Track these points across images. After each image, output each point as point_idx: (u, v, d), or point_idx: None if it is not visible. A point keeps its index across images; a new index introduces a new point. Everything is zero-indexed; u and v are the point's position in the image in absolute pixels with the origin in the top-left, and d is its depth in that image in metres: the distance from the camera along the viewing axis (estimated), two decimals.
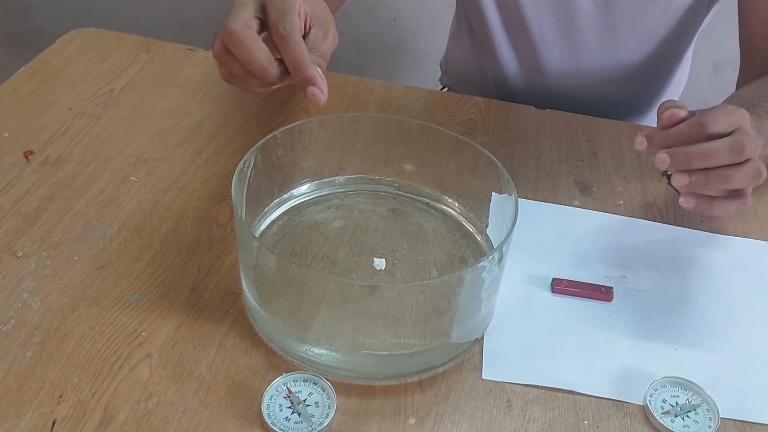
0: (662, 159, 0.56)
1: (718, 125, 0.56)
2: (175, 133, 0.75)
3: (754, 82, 0.77)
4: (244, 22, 0.55)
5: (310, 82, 0.55)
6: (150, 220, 0.65)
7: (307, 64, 0.55)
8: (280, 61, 0.56)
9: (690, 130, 0.56)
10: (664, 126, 0.57)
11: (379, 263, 0.59)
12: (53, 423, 0.49)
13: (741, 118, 0.57)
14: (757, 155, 0.57)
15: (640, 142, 0.58)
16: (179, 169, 0.71)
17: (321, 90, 0.55)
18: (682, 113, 0.57)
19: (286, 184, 0.66)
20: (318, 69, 0.55)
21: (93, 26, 0.91)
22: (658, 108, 0.59)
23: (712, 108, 0.59)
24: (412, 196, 0.68)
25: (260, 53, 0.54)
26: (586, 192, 0.73)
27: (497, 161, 0.60)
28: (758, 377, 0.56)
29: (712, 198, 0.57)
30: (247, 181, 0.59)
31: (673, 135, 0.57)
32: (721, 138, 0.56)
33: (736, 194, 0.58)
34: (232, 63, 0.56)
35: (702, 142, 0.55)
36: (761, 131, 0.63)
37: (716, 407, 0.53)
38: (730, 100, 0.74)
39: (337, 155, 0.68)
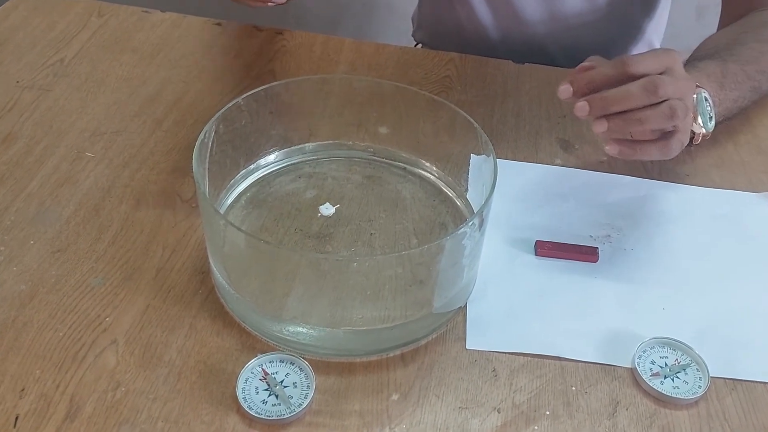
0: (581, 107, 0.57)
1: (641, 65, 0.57)
2: (132, 102, 0.74)
3: (723, 29, 0.78)
4: None
5: None
6: (109, 198, 0.63)
7: None
8: None
9: (612, 70, 0.57)
10: (579, 72, 0.58)
11: (326, 209, 0.58)
12: (16, 418, 0.47)
13: (669, 59, 0.58)
14: (680, 96, 0.58)
15: (564, 90, 0.58)
16: (138, 141, 0.69)
17: None
18: (593, 64, 0.58)
19: (253, 153, 0.65)
20: None
21: None
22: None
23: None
24: (387, 161, 0.67)
25: None
26: (568, 150, 0.73)
27: (474, 121, 0.59)
28: (747, 333, 0.57)
29: (635, 142, 0.59)
30: (209, 152, 0.57)
31: (597, 76, 0.58)
32: None
33: (661, 136, 0.59)
34: None
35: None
36: (725, 74, 0.65)
37: (706, 366, 0.53)
38: (698, 48, 0.74)
39: (306, 120, 0.67)
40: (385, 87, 0.65)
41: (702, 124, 0.63)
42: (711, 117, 0.64)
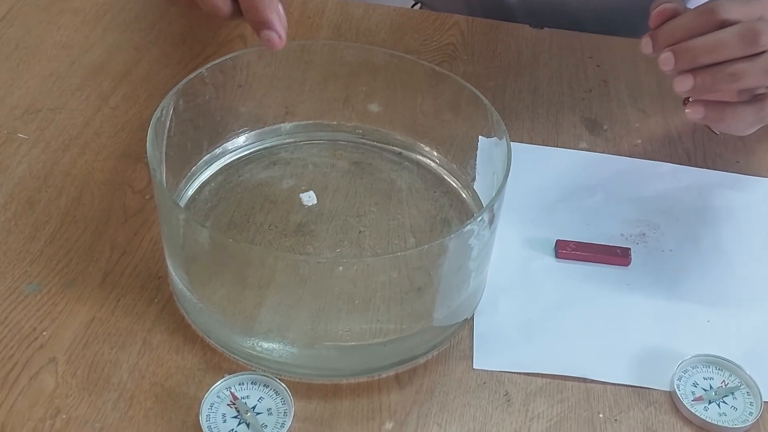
0: (666, 59, 0.57)
1: (733, 11, 0.57)
2: (74, 74, 0.74)
3: None
4: None
5: (266, 25, 0.53)
6: (46, 188, 0.63)
7: (264, 2, 0.53)
8: None
9: (697, 19, 0.57)
10: (656, 24, 0.58)
11: (308, 198, 0.59)
12: None
13: (763, 7, 0.58)
14: None
15: (646, 44, 0.59)
16: (80, 120, 0.69)
17: (279, 35, 0.54)
18: (672, 5, 0.58)
19: (219, 135, 0.65)
20: (279, 6, 0.54)
21: None
22: (651, 6, 0.60)
23: None
24: (379, 144, 0.67)
25: None
26: (595, 131, 0.73)
27: (484, 97, 0.59)
28: None
29: (724, 104, 0.59)
30: (166, 134, 0.57)
31: (679, 27, 0.58)
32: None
33: (753, 98, 0.59)
34: None
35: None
36: None
37: (758, 389, 0.54)
38: None
39: (282, 96, 0.67)
40: (377, 56, 0.65)
41: None
42: None
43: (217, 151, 0.65)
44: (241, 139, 0.66)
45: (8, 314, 0.55)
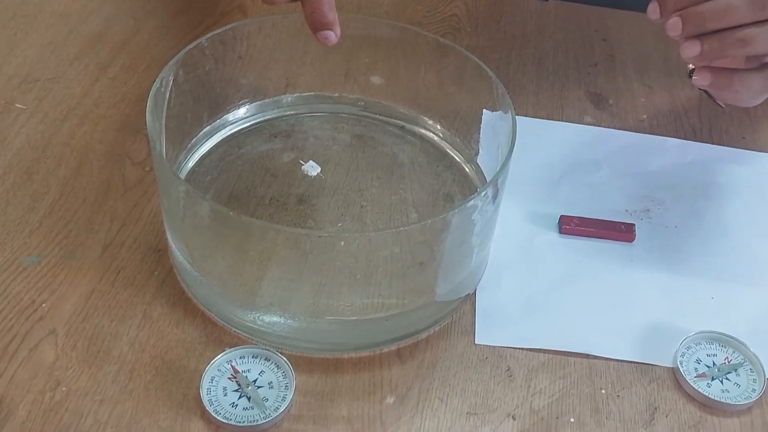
0: (674, 24, 0.56)
1: None
2: (71, 43, 0.73)
3: None
4: None
5: (327, 27, 0.56)
6: (44, 159, 0.63)
7: (327, 4, 0.55)
8: None
9: None
10: None
11: (311, 168, 0.59)
12: None
13: None
14: None
15: (653, 9, 0.58)
16: (79, 91, 0.69)
17: (336, 34, 0.56)
18: None
19: (219, 107, 0.65)
20: (333, 2, 0.56)
21: None
22: None
23: None
24: (381, 117, 0.67)
25: None
26: (600, 105, 0.73)
27: (488, 69, 0.59)
28: None
29: (731, 70, 0.58)
30: (166, 105, 0.57)
31: None
32: None
33: (762, 65, 0.58)
34: None
35: None
36: None
37: (762, 366, 0.54)
38: None
39: (283, 68, 0.67)
40: (379, 27, 0.65)
41: None
42: None
43: (218, 122, 0.65)
44: (241, 111, 0.66)
45: (7, 286, 0.55)
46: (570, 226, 0.62)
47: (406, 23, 0.65)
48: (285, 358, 0.51)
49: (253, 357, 0.52)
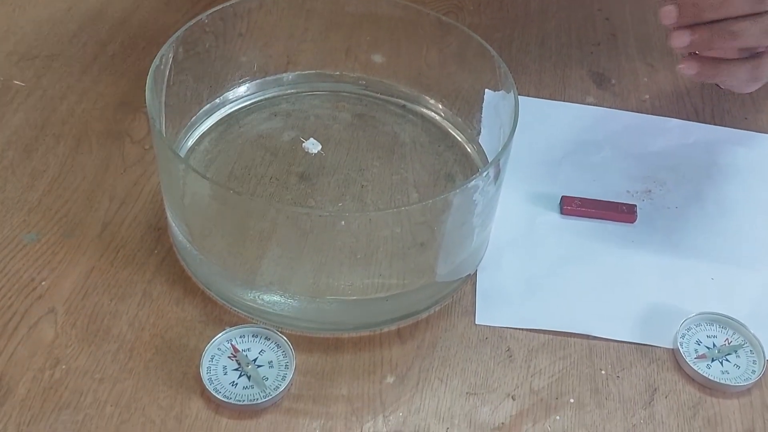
0: (668, 12, 0.56)
1: None
2: (71, 20, 0.73)
3: None
4: None
5: None
6: (43, 137, 0.63)
7: None
8: None
9: None
10: None
11: (312, 145, 0.59)
12: None
13: None
14: None
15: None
16: (78, 68, 0.69)
17: None
18: None
19: (219, 85, 0.64)
20: None
21: None
22: None
23: None
24: (383, 96, 0.67)
25: None
26: (603, 85, 0.73)
27: (491, 48, 0.59)
28: None
29: (719, 60, 0.58)
30: (165, 83, 0.57)
31: None
32: None
33: (750, 56, 0.58)
34: None
35: None
36: None
37: (762, 348, 0.54)
38: None
39: (284, 45, 0.67)
40: (381, 5, 0.64)
41: None
42: None
43: (218, 101, 0.64)
44: (241, 89, 0.66)
45: (6, 263, 0.55)
46: (571, 206, 0.62)
47: (408, 1, 0.64)
48: (285, 338, 0.51)
49: (253, 336, 0.52)
